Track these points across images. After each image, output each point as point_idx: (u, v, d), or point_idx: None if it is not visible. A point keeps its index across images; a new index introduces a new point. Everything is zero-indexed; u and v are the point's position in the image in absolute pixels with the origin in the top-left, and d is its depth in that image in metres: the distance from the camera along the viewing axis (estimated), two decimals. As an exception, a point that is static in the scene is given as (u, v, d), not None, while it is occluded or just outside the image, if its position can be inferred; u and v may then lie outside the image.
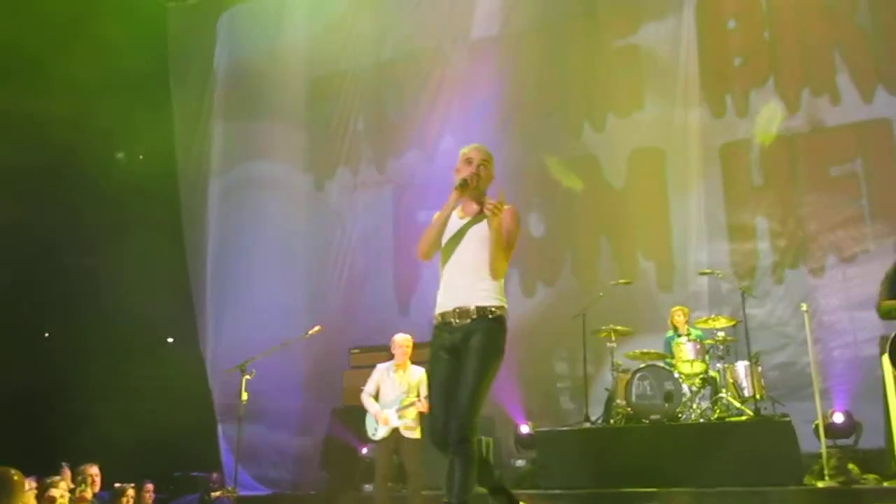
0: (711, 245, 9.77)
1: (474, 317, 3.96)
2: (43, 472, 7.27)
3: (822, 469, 6.90)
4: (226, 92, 12.16)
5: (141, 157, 11.82)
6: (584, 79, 10.81)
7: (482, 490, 4.05)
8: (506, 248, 4.02)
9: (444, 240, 4.13)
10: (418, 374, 7.07)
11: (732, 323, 8.30)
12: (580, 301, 8.91)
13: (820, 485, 6.79)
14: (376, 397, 7.07)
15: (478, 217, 4.09)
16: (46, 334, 11.73)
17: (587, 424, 8.20)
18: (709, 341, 8.22)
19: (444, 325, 4.03)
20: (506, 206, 3.99)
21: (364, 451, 8.55)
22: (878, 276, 8.64)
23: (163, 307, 10.94)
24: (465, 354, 3.91)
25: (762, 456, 6.93)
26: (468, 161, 4.19)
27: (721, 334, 8.22)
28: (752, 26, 10.12)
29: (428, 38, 11.63)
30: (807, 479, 7.05)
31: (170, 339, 11.46)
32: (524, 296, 10.35)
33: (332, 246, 11.43)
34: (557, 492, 7.29)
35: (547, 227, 10.50)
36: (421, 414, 6.94)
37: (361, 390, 7.20)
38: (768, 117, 9.82)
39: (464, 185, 4.07)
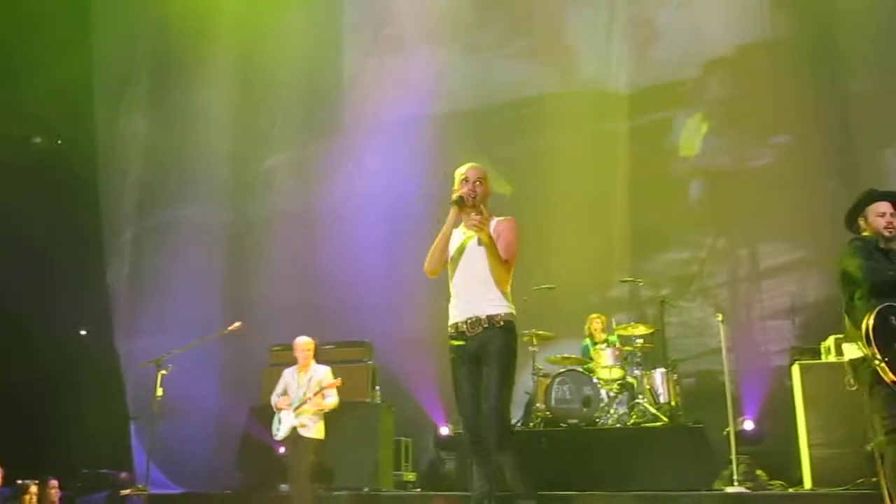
0: (634, 253, 9.96)
1: (486, 325, 4.23)
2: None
3: (731, 474, 7.08)
4: (150, 81, 11.83)
5: (59, 142, 11.39)
6: (514, 85, 10.93)
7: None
8: (505, 258, 4.24)
9: (450, 255, 4.38)
10: (321, 373, 7.18)
11: (651, 330, 8.46)
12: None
13: (729, 490, 6.96)
14: None
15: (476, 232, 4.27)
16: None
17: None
18: (628, 348, 8.37)
19: (458, 335, 4.29)
20: (506, 219, 4.35)
21: (281, 450, 8.41)
22: (791, 289, 9.00)
23: (77, 298, 10.57)
24: (484, 363, 4.19)
25: (675, 461, 7.08)
26: (465, 180, 4.37)
27: (640, 341, 8.37)
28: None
29: (357, 35, 11.60)
30: (717, 484, 7.23)
31: (83, 332, 11.08)
32: (446, 299, 10.33)
33: (255, 243, 11.25)
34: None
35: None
36: (320, 411, 7.03)
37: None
38: (693, 131, 10.07)
39: (460, 202, 4.26)
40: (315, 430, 7.00)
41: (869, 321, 4.38)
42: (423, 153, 11.01)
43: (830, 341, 7.07)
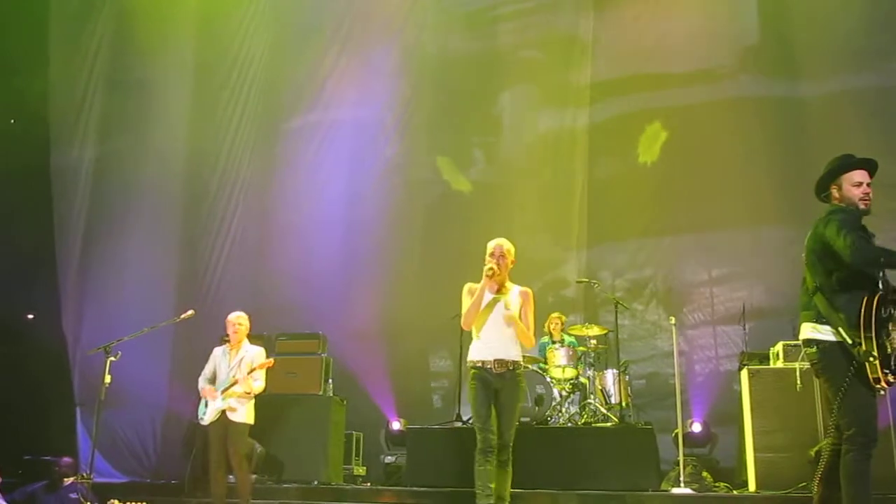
0: (590, 255, 10.04)
1: (510, 367, 5.51)
2: None
3: (678, 476, 7.19)
4: (111, 57, 11.57)
5: (13, 121, 11.10)
6: (478, 83, 10.96)
7: None
8: (524, 323, 5.58)
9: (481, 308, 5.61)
10: (252, 353, 6.78)
11: (605, 332, 8.56)
12: (460, 302, 8.96)
13: (675, 491, 7.06)
14: (214, 382, 6.77)
15: (501, 294, 5.63)
16: None
17: (458, 424, 8.26)
18: (581, 348, 8.44)
19: (484, 370, 5.52)
20: (524, 290, 5.67)
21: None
22: (741, 294, 9.14)
23: (25, 281, 10.32)
24: (505, 395, 5.50)
25: (624, 461, 7.16)
26: (492, 255, 5.62)
27: (593, 342, 8.45)
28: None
29: (325, 21, 11.52)
30: (664, 485, 7.34)
31: (30, 316, 10.82)
32: (405, 295, 10.34)
33: (210, 231, 11.11)
34: (424, 489, 7.31)
35: (432, 227, 10.53)
36: (248, 394, 6.62)
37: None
38: (652, 137, 10.19)
39: (491, 275, 5.51)
40: (244, 414, 6.60)
41: (872, 309, 4.00)
42: (382, 149, 10.99)
43: (779, 347, 7.21)
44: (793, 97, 9.69)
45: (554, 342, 8.59)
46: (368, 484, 8.82)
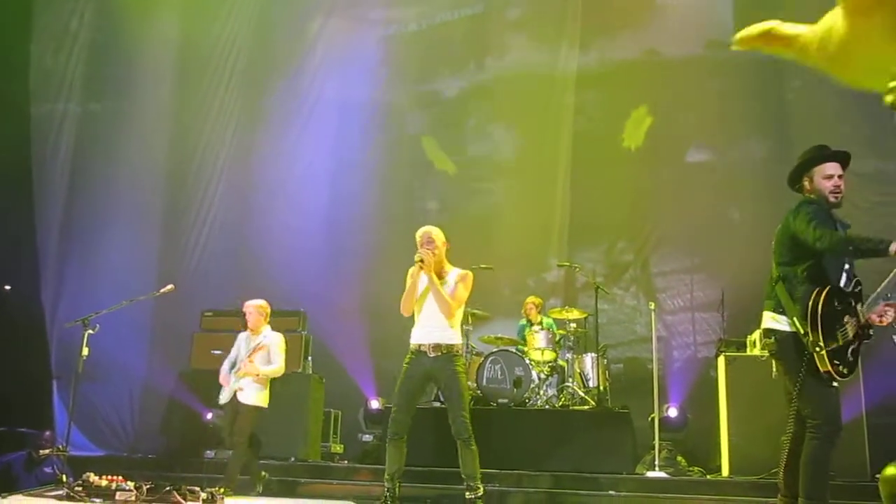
0: (572, 239, 10.08)
1: (444, 351, 5.55)
2: None
3: (653, 459, 7.27)
4: (94, 29, 11.40)
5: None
6: (462, 63, 10.94)
7: None
8: (452, 300, 5.55)
9: (419, 294, 5.62)
10: (269, 339, 6.88)
11: (584, 316, 8.60)
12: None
13: (649, 474, 7.14)
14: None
15: (439, 279, 5.60)
16: None
17: (436, 404, 8.28)
18: (561, 332, 8.49)
19: (420, 353, 5.59)
20: (462, 272, 5.69)
21: (209, 416, 8.34)
22: (721, 282, 9.20)
23: (2, 251, 10.22)
24: (445, 379, 5.57)
25: (600, 444, 7.24)
26: (420, 244, 5.62)
27: (573, 326, 8.50)
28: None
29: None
30: (638, 468, 7.42)
31: (7, 287, 10.72)
32: (384, 275, 10.33)
33: (192, 203, 11.04)
34: (401, 468, 7.33)
35: (414, 207, 10.53)
36: (257, 376, 6.71)
37: (211, 354, 7.19)
38: (637, 122, 10.20)
39: (420, 261, 5.47)
40: (253, 396, 6.69)
41: (819, 302, 4.03)
42: (367, 127, 10.95)
43: (756, 335, 7.27)
44: (776, 85, 9.72)
45: (532, 325, 8.62)
46: (346, 462, 8.85)
